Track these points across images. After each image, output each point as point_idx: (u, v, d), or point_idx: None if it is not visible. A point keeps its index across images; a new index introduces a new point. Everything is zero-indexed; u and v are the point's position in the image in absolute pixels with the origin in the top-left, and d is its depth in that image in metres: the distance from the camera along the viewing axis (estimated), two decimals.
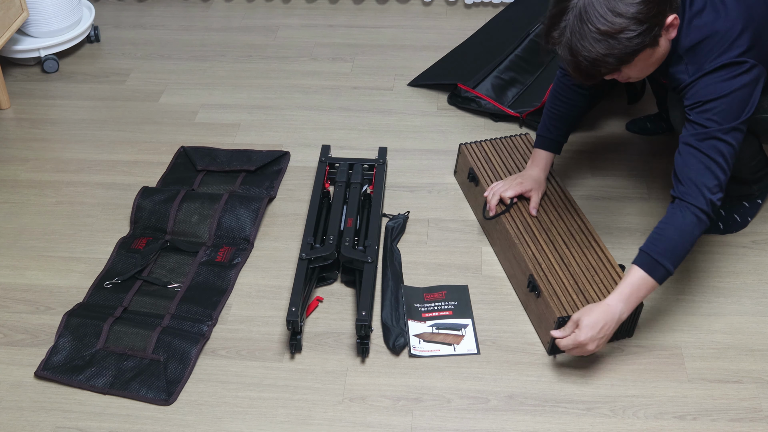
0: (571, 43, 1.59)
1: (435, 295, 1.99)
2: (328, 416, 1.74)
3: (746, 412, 1.73)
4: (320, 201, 2.18)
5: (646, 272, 1.69)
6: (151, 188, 2.25)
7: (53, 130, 2.56)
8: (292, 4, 3.18)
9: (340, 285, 2.04)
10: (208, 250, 2.11)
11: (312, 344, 1.89)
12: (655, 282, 1.69)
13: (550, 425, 1.71)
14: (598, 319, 1.70)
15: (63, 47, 2.81)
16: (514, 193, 2.04)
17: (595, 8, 1.55)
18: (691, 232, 1.68)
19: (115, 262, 2.09)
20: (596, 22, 1.55)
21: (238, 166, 2.35)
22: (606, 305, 1.71)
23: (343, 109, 2.62)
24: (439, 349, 1.87)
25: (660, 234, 1.69)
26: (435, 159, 2.41)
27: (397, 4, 3.17)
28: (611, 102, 2.59)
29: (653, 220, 2.16)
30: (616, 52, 1.57)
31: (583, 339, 1.69)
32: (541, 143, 2.07)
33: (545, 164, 2.08)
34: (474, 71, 2.61)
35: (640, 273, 1.69)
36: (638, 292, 1.70)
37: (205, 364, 1.85)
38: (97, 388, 1.79)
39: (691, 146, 1.70)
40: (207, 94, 2.70)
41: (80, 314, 1.93)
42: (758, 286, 2.00)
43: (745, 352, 1.85)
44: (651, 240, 1.70)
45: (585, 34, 1.57)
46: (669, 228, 1.69)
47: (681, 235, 1.68)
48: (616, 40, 1.56)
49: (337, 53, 2.89)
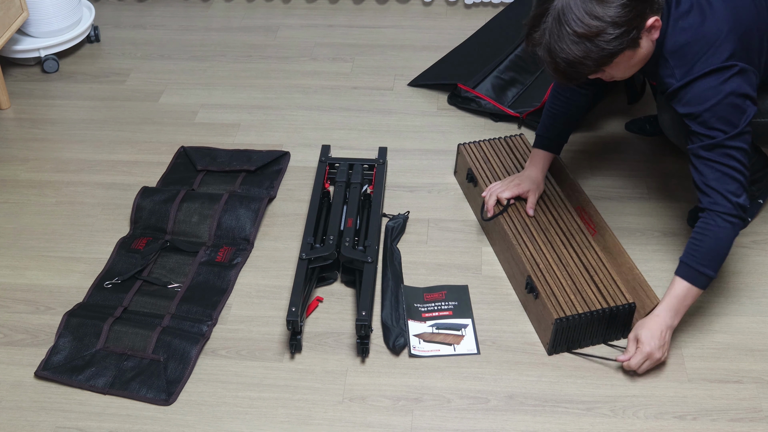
0: (549, 44, 1.59)
1: (435, 295, 1.99)
2: (328, 416, 1.74)
3: (746, 412, 1.73)
4: (320, 201, 2.18)
5: (690, 283, 1.74)
6: (151, 188, 2.25)
7: (53, 130, 2.57)
8: (292, 4, 3.18)
9: (340, 285, 2.04)
10: (208, 250, 2.11)
11: (312, 344, 1.89)
12: (699, 290, 1.75)
13: (550, 425, 1.71)
14: (653, 328, 1.76)
15: (63, 47, 2.81)
16: (511, 194, 2.04)
17: (572, 10, 1.55)
18: (727, 237, 1.73)
19: (115, 262, 2.09)
20: (573, 24, 1.55)
21: (238, 166, 2.35)
22: (655, 316, 1.76)
23: (343, 109, 2.62)
24: (439, 349, 1.87)
25: (698, 244, 1.73)
26: (435, 159, 2.41)
27: (397, 4, 3.17)
28: (611, 102, 2.59)
29: (653, 220, 2.17)
30: (593, 54, 1.58)
31: (649, 350, 1.74)
32: (540, 143, 2.07)
33: (543, 165, 2.08)
34: (474, 71, 2.61)
35: (684, 284, 1.75)
36: (684, 301, 1.76)
37: (205, 364, 1.85)
38: (97, 388, 1.79)
39: (703, 158, 1.71)
40: (207, 94, 2.70)
41: (80, 314, 1.93)
42: (758, 286, 2.00)
43: (745, 352, 1.85)
44: (690, 250, 1.74)
45: (562, 36, 1.57)
46: (706, 238, 1.73)
47: (717, 242, 1.73)
48: (593, 43, 1.57)
49: (337, 53, 2.89)
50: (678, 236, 2.12)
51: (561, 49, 1.58)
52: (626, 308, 1.82)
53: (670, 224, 2.16)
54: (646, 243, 2.11)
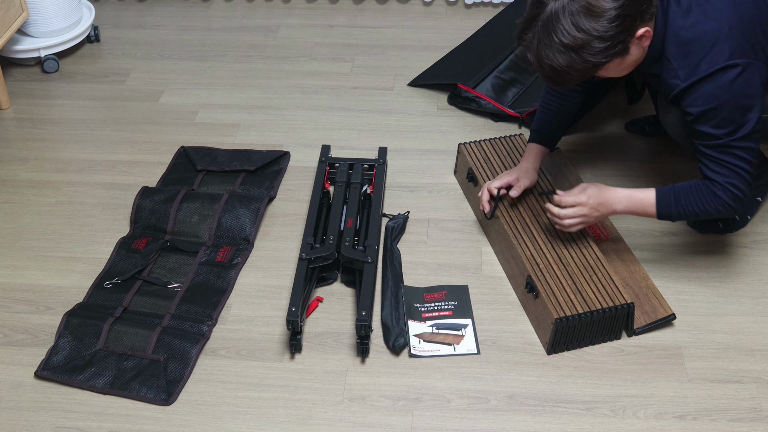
0: (537, 50, 1.61)
1: (435, 295, 1.99)
2: (328, 416, 1.74)
3: (746, 412, 1.73)
4: (320, 201, 2.18)
5: (657, 203, 1.80)
6: (151, 188, 2.25)
7: (53, 130, 2.57)
8: (292, 4, 3.18)
9: (340, 285, 2.04)
10: (208, 250, 2.11)
11: (312, 344, 1.89)
12: (655, 214, 1.81)
13: (550, 425, 1.71)
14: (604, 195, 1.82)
15: (63, 47, 2.81)
16: (501, 184, 2.04)
17: (560, 20, 1.56)
18: (707, 203, 1.77)
19: (115, 262, 2.09)
20: (560, 34, 1.57)
21: (238, 166, 2.35)
22: (614, 191, 1.83)
23: (343, 109, 2.62)
24: (439, 349, 1.87)
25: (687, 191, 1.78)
26: (435, 159, 2.41)
27: (397, 4, 3.17)
28: (611, 102, 2.59)
29: (653, 220, 2.16)
30: (578, 66, 1.60)
31: (586, 201, 1.83)
32: (534, 137, 2.08)
33: (536, 158, 2.08)
34: (474, 71, 2.61)
35: (652, 200, 1.80)
36: (640, 207, 1.83)
37: (205, 364, 1.85)
38: (97, 388, 1.79)
39: (710, 156, 1.73)
40: (207, 94, 2.70)
41: (80, 314, 1.93)
42: (758, 286, 2.00)
43: (745, 352, 1.85)
44: (680, 188, 1.78)
45: (549, 45, 1.59)
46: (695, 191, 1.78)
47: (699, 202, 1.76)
48: (579, 54, 1.58)
49: (337, 53, 2.89)
50: (678, 236, 2.12)
51: (547, 56, 1.60)
52: (626, 308, 1.82)
53: (670, 224, 2.16)
54: (646, 243, 2.11)
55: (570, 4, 1.55)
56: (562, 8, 1.55)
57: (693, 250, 2.08)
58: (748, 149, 1.70)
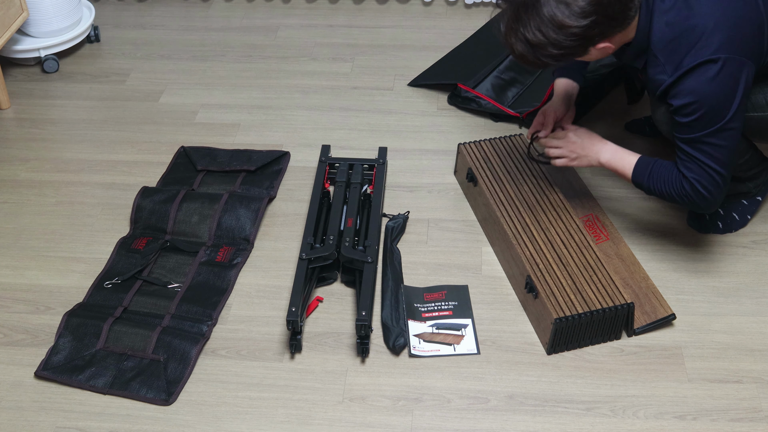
0: (506, 27, 1.67)
1: (435, 295, 1.99)
2: (328, 416, 1.74)
3: (746, 412, 1.73)
4: (320, 201, 2.18)
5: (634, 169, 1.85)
6: (151, 188, 2.25)
7: (53, 130, 2.57)
8: (292, 4, 3.18)
9: (340, 285, 2.04)
10: (208, 250, 2.11)
11: (312, 344, 1.89)
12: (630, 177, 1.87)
13: (550, 425, 1.71)
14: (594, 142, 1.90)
15: (63, 47, 2.81)
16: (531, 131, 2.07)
17: (528, 14, 1.62)
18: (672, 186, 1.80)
19: (115, 262, 2.09)
20: (523, 28, 1.63)
21: (238, 166, 2.35)
22: (603, 141, 1.91)
23: (343, 109, 2.62)
24: (439, 349, 1.87)
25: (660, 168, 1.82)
26: (435, 159, 2.41)
27: (397, 4, 3.17)
28: (611, 102, 2.59)
29: (653, 220, 2.17)
30: (531, 59, 1.67)
31: (575, 140, 1.92)
32: (557, 74, 2.10)
33: (563, 90, 2.08)
34: (474, 71, 2.61)
35: (632, 164, 1.86)
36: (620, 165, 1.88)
37: (205, 364, 1.85)
38: (97, 388, 1.79)
39: (684, 151, 1.76)
40: (207, 94, 2.70)
41: (80, 314, 1.93)
42: (758, 286, 2.00)
43: (745, 352, 1.85)
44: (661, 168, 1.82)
45: (515, 31, 1.65)
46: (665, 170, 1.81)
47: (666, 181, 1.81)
48: (534, 52, 1.65)
49: (337, 53, 2.89)
50: (678, 236, 2.12)
51: (510, 40, 1.67)
52: (626, 308, 1.82)
53: (670, 224, 2.16)
54: (646, 243, 2.11)
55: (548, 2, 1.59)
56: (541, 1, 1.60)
57: (693, 250, 2.09)
58: (721, 148, 1.70)
